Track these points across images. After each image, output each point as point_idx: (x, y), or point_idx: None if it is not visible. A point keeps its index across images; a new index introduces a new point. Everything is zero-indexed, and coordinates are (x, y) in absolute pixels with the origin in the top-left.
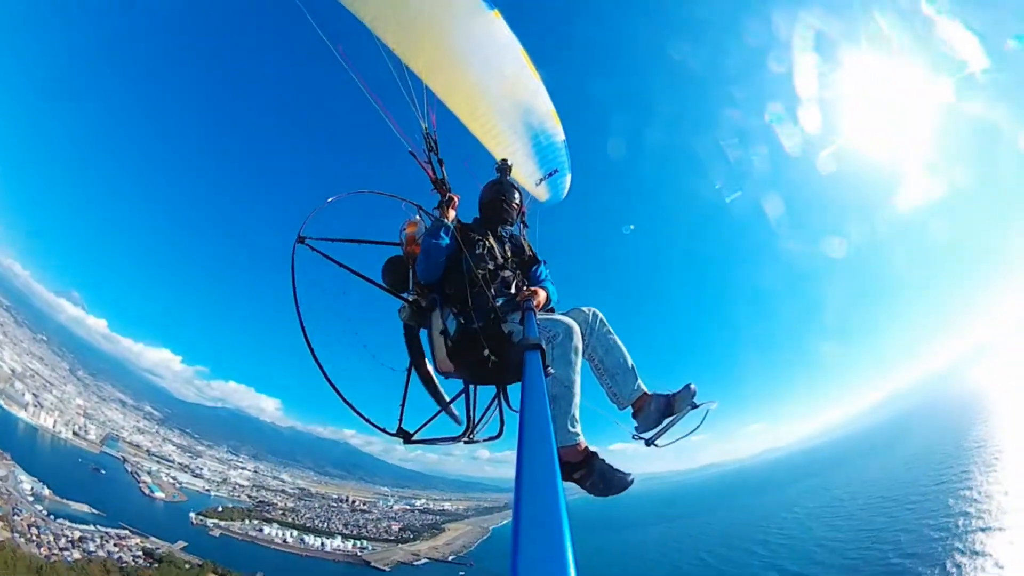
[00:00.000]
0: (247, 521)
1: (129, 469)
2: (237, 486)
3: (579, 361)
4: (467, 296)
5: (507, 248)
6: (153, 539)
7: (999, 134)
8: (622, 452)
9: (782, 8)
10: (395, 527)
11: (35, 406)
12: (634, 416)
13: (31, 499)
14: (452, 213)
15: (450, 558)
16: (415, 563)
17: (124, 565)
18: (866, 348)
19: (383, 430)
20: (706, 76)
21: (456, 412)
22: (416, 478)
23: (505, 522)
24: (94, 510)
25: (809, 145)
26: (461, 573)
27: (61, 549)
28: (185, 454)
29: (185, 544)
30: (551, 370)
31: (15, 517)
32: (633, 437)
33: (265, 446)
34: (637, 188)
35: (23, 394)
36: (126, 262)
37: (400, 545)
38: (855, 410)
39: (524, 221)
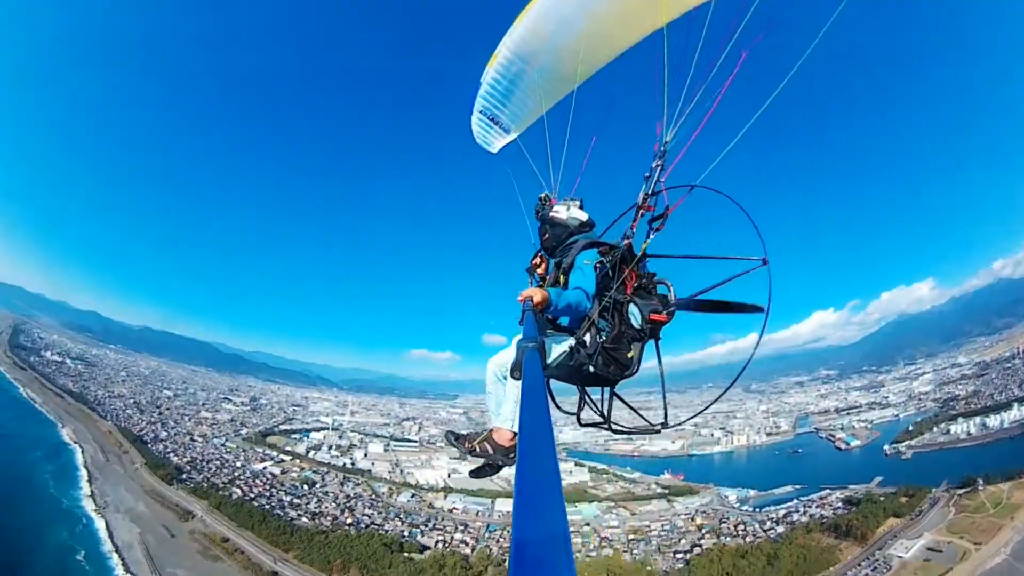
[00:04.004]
0: (934, 429)
1: (823, 435)
2: (921, 396)
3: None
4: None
5: (559, 274)
6: (851, 487)
7: None
8: None
9: None
10: None
11: (726, 436)
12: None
13: (737, 505)
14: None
15: None
16: None
17: (825, 520)
18: None
19: (651, 423)
20: None
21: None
22: None
23: None
24: (796, 487)
25: None
26: None
27: (766, 531)
28: (869, 392)
29: (880, 479)
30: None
31: (722, 525)
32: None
33: (935, 336)
34: None
35: (712, 434)
36: None
37: None
38: None
39: (639, 241)
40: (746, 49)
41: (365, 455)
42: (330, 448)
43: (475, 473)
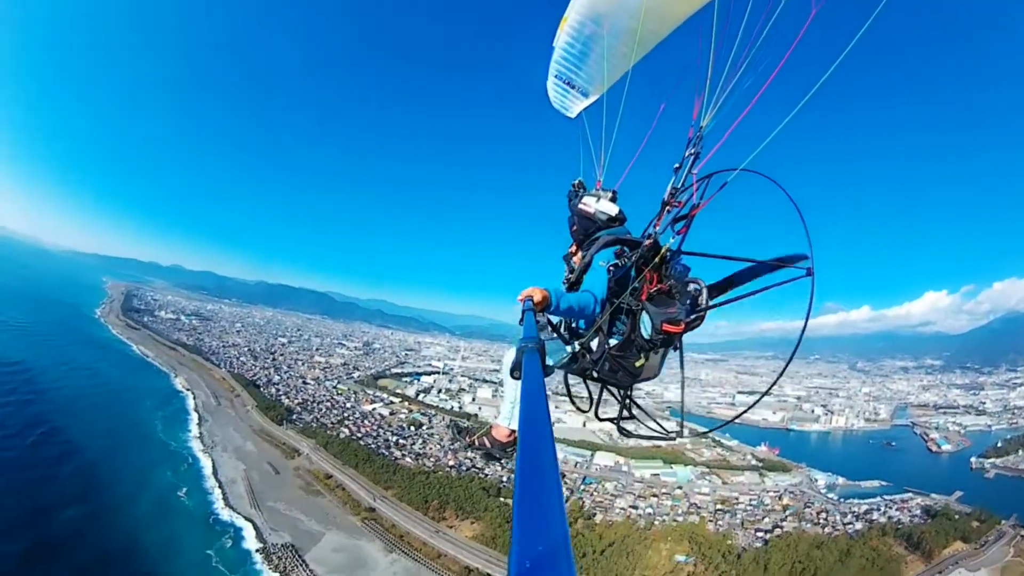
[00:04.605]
0: (1020, 452)
1: (918, 432)
2: (1015, 410)
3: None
4: None
5: (581, 271)
6: (933, 496)
7: None
8: None
9: None
10: None
11: (826, 415)
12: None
13: (824, 490)
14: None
15: None
16: None
17: (900, 527)
18: None
19: (666, 431)
20: None
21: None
22: None
23: None
24: (882, 482)
25: None
26: None
27: (845, 524)
28: (968, 393)
29: (961, 494)
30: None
31: (806, 509)
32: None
33: None
34: None
35: (812, 410)
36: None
37: None
38: None
39: (665, 240)
40: (817, 4)
41: (473, 399)
42: (439, 392)
43: (485, 457)
